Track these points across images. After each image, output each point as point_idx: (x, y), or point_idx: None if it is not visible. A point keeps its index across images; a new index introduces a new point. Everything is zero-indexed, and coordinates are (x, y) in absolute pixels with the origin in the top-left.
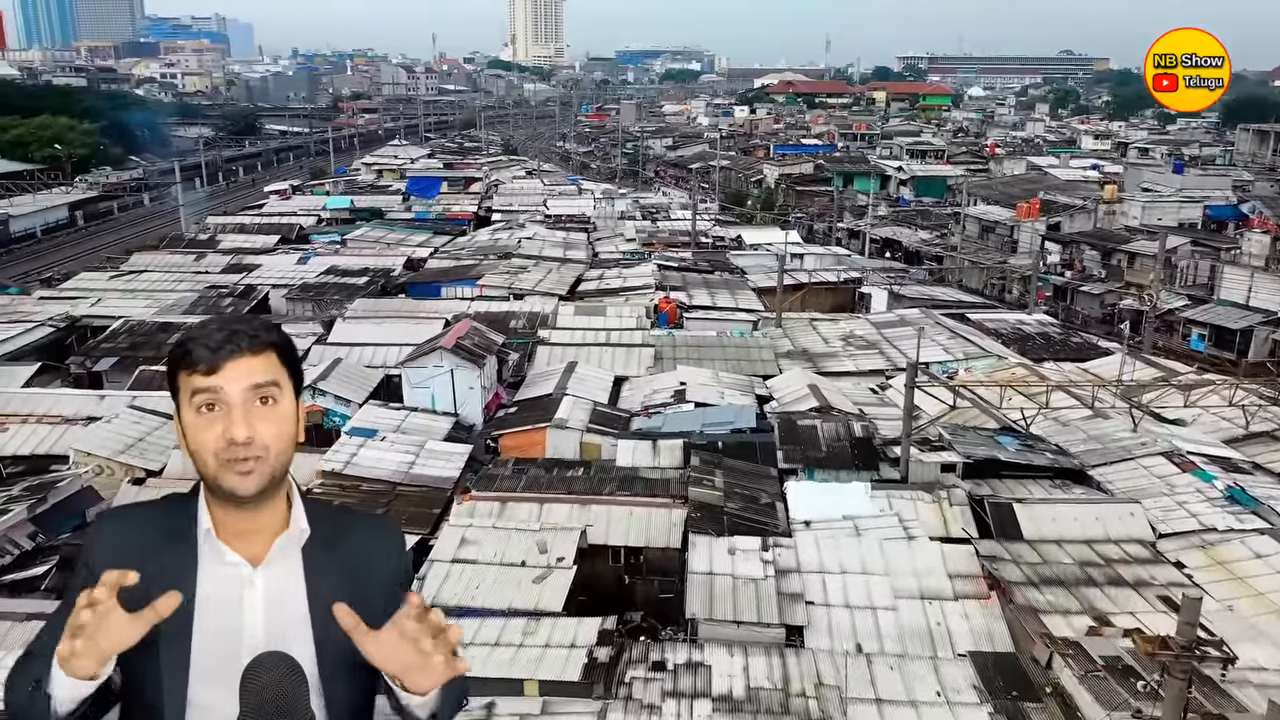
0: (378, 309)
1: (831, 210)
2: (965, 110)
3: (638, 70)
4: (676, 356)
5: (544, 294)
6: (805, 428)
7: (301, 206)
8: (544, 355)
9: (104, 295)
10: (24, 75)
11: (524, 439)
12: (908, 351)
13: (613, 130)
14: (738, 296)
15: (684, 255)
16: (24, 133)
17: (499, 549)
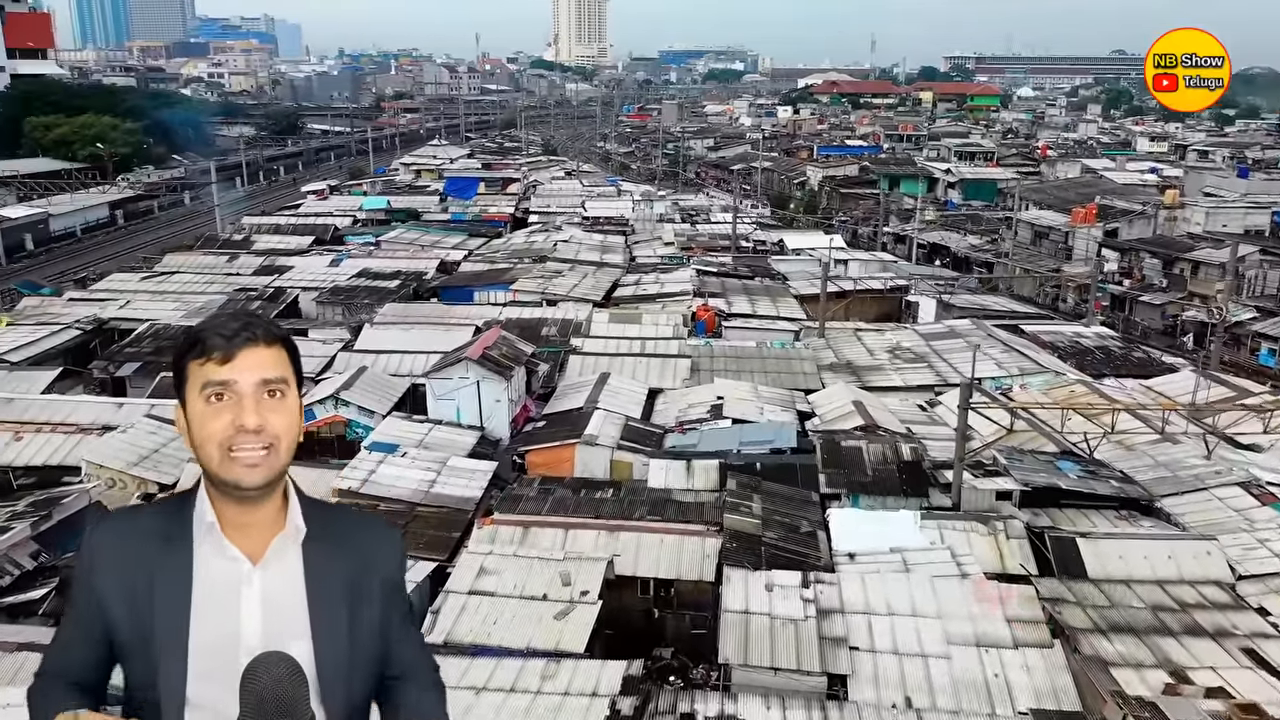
0: (407, 314)
1: (877, 214)
2: (1014, 111)
3: (680, 70)
4: (714, 368)
5: (578, 300)
6: (849, 449)
7: (338, 207)
8: (576, 365)
9: (133, 297)
10: (75, 75)
11: (552, 456)
12: (958, 365)
13: (654, 130)
14: (779, 304)
15: (724, 260)
16: (67, 131)
17: (519, 580)
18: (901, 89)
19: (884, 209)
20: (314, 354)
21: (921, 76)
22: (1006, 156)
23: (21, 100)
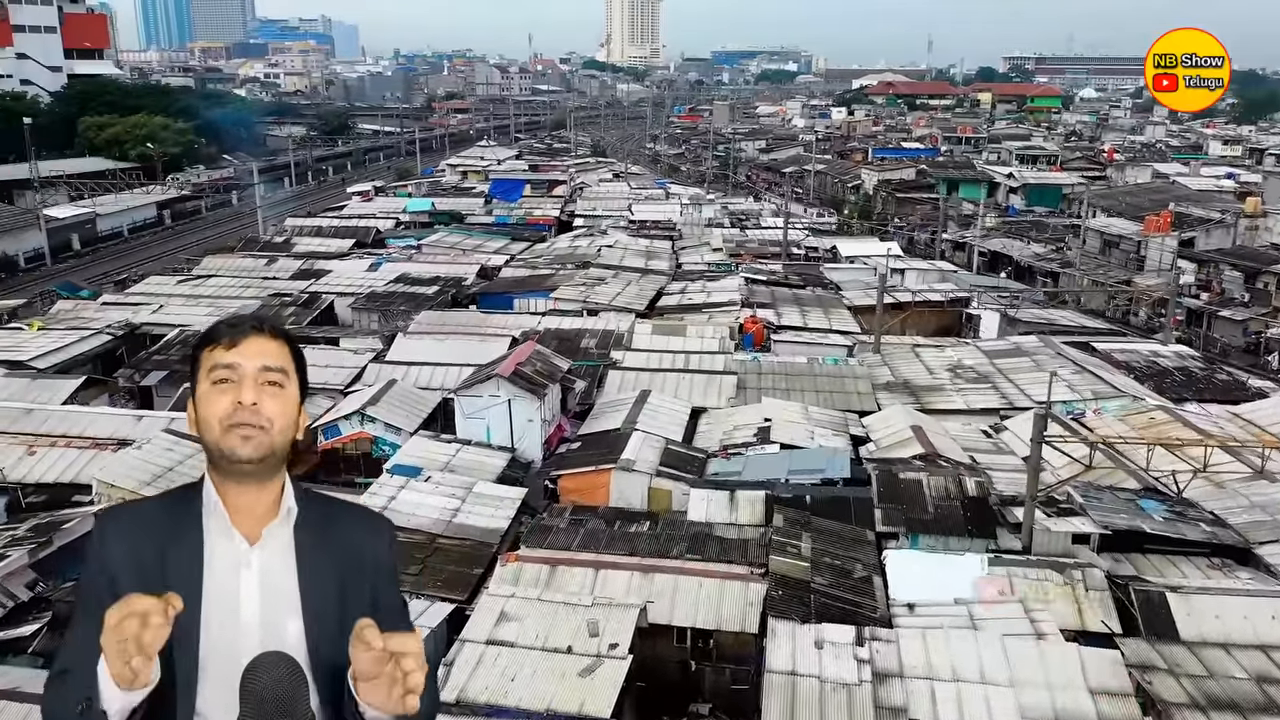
0: (443, 323)
1: (934, 220)
2: (1076, 113)
3: (733, 71)
4: (762, 386)
5: (620, 310)
6: (908, 482)
7: (382, 209)
8: (615, 381)
9: (167, 301)
10: (134, 75)
11: (585, 481)
12: (1026, 387)
13: (705, 132)
14: (831, 316)
15: (774, 268)
16: (120, 131)
17: (543, 629)
18: (959, 90)
19: (943, 215)
20: (344, 364)
21: (979, 77)
22: (1070, 160)
23: (78, 100)
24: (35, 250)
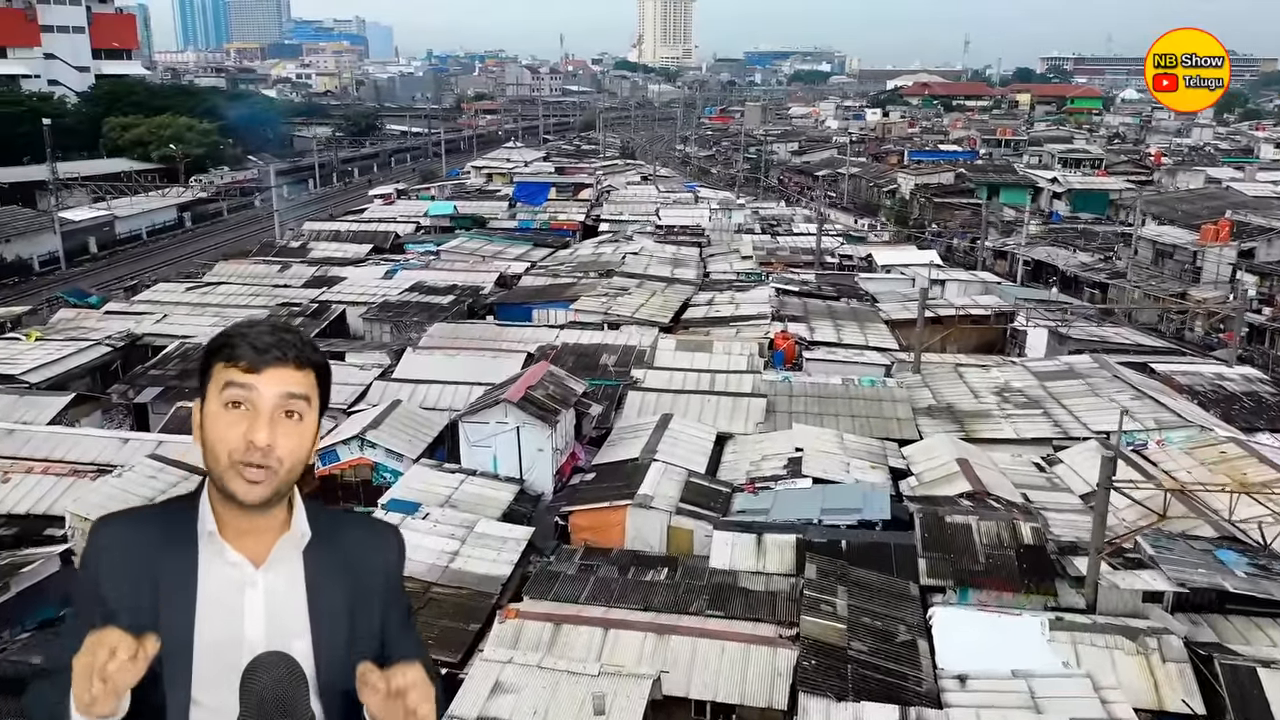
0: (456, 336)
1: (974, 225)
2: (1117, 114)
3: (766, 71)
4: (793, 410)
5: (643, 323)
6: (956, 527)
7: (402, 212)
8: (635, 403)
9: (173, 310)
10: (168, 75)
11: (599, 519)
12: (1081, 413)
13: (736, 134)
14: (867, 331)
15: (806, 277)
16: (144, 132)
17: (542, 703)
18: (995, 91)
19: (985, 222)
20: (350, 381)
21: (1016, 78)
22: (1115, 164)
23: (105, 100)
24: (50, 254)
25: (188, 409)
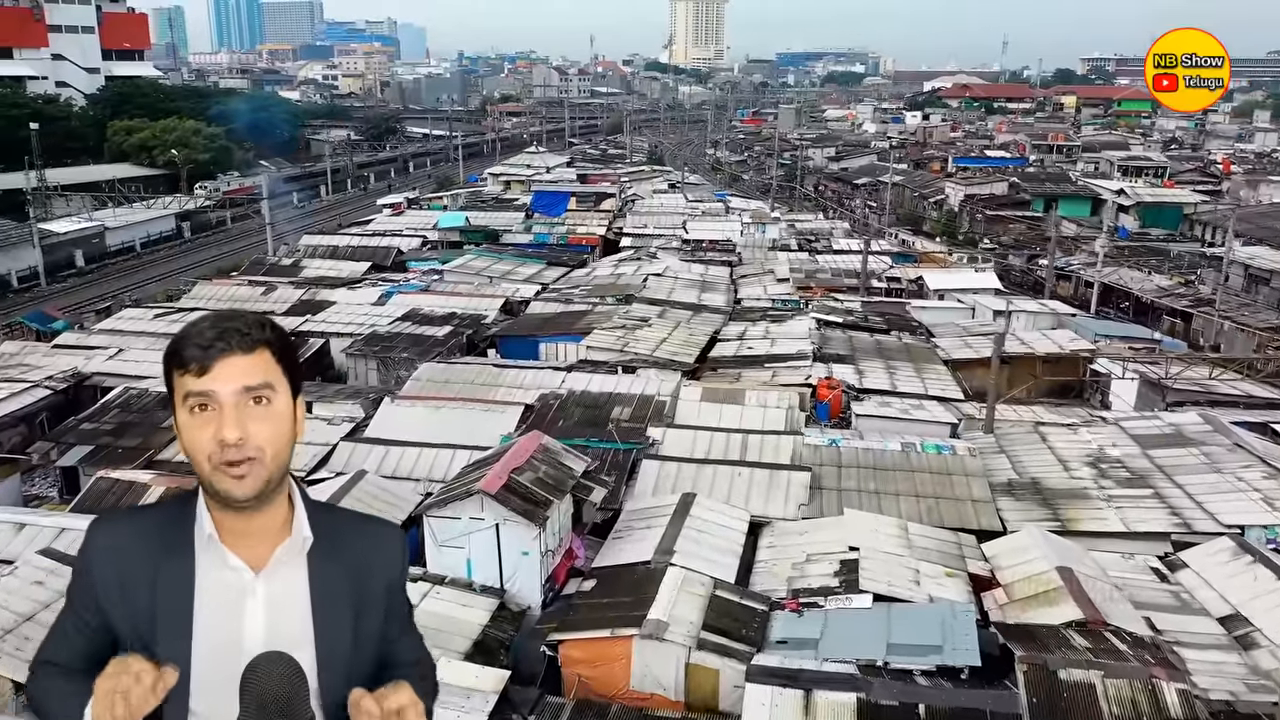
0: (446, 380)
1: (1031, 242)
2: (1169, 117)
3: (799, 73)
4: (843, 486)
5: (664, 364)
6: (1074, 688)
7: (410, 225)
8: (651, 475)
9: (134, 343)
10: (192, 76)
11: (598, 652)
12: (1203, 497)
13: (769, 138)
14: (925, 374)
15: (851, 304)
16: (148, 136)
17: None
18: (1038, 92)
19: (1054, 242)
20: (314, 440)
21: (1057, 79)
22: (1180, 173)
23: (113, 103)
24: (31, 268)
25: (111, 479)
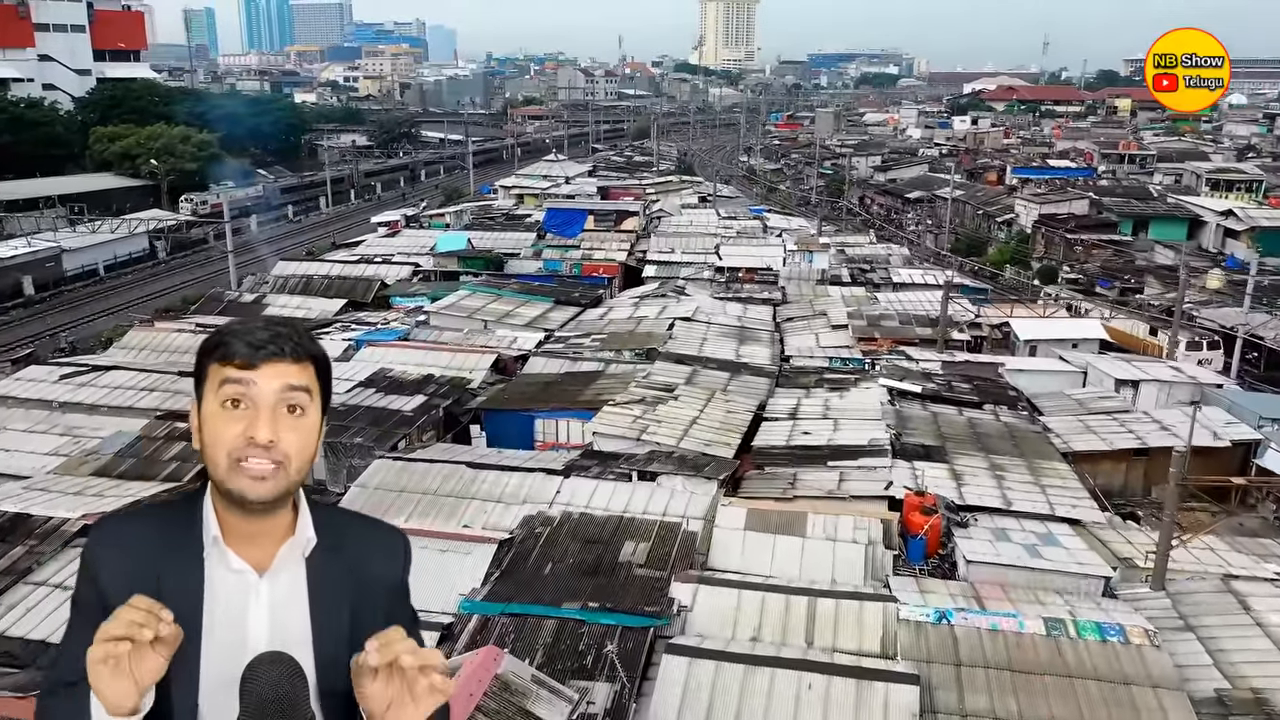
0: (401, 487)
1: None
2: (1231, 121)
3: (831, 74)
4: (965, 705)
5: (694, 461)
6: None
7: (404, 247)
8: (675, 681)
9: (8, 423)
10: (209, 78)
11: None
12: None
13: (806, 144)
14: (1042, 478)
15: (928, 363)
16: (132, 144)
17: None
18: (1086, 95)
19: (1183, 284)
20: None
21: (1102, 81)
22: (1276, 187)
23: (102, 106)
24: None
25: None
